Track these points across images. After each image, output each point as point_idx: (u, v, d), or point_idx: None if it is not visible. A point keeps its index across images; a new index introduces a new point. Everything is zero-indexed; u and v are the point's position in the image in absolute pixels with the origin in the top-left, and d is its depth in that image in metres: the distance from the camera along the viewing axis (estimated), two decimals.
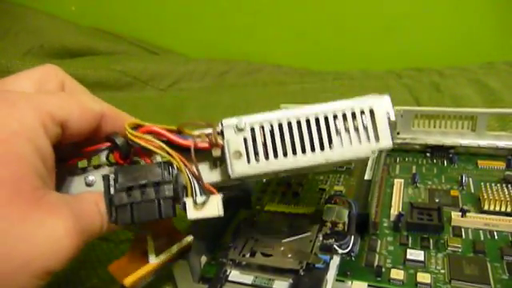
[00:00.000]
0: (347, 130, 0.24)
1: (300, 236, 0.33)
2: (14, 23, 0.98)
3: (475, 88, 0.68)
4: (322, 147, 0.23)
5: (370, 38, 0.92)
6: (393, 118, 0.24)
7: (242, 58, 0.97)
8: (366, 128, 0.24)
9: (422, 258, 0.34)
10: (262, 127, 0.23)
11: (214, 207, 0.24)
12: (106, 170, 0.26)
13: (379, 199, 0.41)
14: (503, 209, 0.38)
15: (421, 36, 0.90)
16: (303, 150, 0.23)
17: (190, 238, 0.30)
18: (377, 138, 0.24)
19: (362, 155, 0.24)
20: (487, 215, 0.38)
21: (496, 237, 0.36)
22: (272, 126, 0.23)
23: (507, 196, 0.39)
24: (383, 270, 0.33)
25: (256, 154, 0.23)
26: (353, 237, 0.32)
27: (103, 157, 0.26)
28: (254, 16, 1.00)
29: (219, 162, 0.25)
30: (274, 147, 0.23)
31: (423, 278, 0.32)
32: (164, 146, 0.24)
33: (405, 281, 0.32)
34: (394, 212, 0.39)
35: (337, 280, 0.32)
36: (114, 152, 0.25)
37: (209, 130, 0.24)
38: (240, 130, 0.23)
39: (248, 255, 0.32)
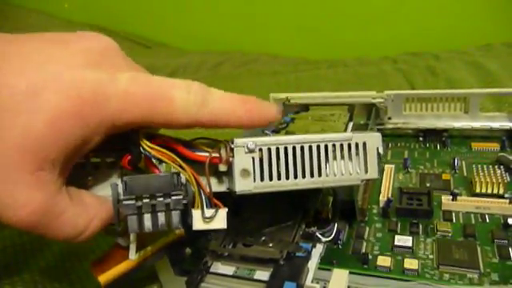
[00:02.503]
0: (343, 159, 0.26)
1: (282, 225, 0.32)
2: (7, 22, 0.97)
3: (472, 70, 0.67)
4: (319, 174, 0.26)
5: (365, 25, 0.91)
6: (382, 152, 0.27)
7: (236, 49, 0.96)
8: (358, 157, 0.27)
9: (409, 244, 0.33)
10: (269, 150, 0.25)
11: (220, 221, 0.25)
12: (110, 174, 0.26)
13: (368, 185, 0.40)
14: (495, 191, 0.37)
15: (417, 20, 0.88)
16: (303, 175, 0.25)
17: (178, 231, 0.30)
18: (366, 170, 0.27)
19: (352, 182, 0.27)
20: (479, 198, 0.37)
21: (487, 220, 0.35)
22: (279, 150, 0.25)
23: (499, 178, 0.38)
24: (370, 257, 0.33)
25: (262, 174, 0.25)
26: (336, 224, 0.31)
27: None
28: (247, 7, 0.99)
29: (223, 176, 0.26)
30: (278, 170, 0.25)
31: (410, 264, 0.31)
32: (177, 158, 0.24)
33: (392, 267, 0.31)
34: (382, 198, 0.38)
35: (323, 269, 0.31)
36: (124, 156, 0.25)
37: (220, 147, 0.26)
38: (250, 150, 0.25)
39: (229, 246, 0.31)
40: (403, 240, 0.34)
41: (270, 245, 0.30)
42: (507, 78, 0.64)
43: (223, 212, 0.25)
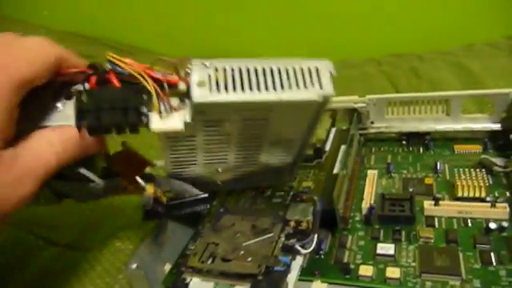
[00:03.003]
0: (297, 76, 0.27)
1: (262, 238, 0.31)
2: None
3: (454, 71, 0.67)
4: (274, 88, 0.26)
5: (349, 27, 0.90)
6: (334, 73, 0.28)
7: (219, 54, 0.95)
8: (311, 77, 0.27)
9: (392, 252, 0.33)
10: (225, 69, 0.26)
11: (176, 121, 0.26)
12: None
13: (350, 193, 0.40)
14: (477, 194, 0.37)
15: (400, 21, 0.88)
16: (259, 88, 0.26)
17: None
18: (321, 86, 0.27)
19: (309, 97, 0.27)
20: (461, 202, 0.36)
21: (470, 224, 0.35)
22: (233, 70, 0.26)
23: (481, 181, 0.37)
24: (352, 266, 0.32)
25: (218, 86, 0.26)
26: (316, 235, 0.31)
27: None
28: (231, 11, 0.98)
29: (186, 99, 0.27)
30: (234, 84, 0.26)
31: (393, 272, 0.31)
32: (141, 71, 0.26)
33: (373, 277, 0.31)
34: (365, 205, 0.38)
35: (304, 280, 0.31)
36: (91, 78, 0.26)
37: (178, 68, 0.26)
38: (206, 66, 0.26)
39: (208, 261, 0.30)
40: (385, 248, 0.33)
41: (249, 259, 0.29)
42: (489, 79, 0.64)
43: (180, 114, 0.26)
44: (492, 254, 0.31)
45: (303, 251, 0.30)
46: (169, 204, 0.31)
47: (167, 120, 0.26)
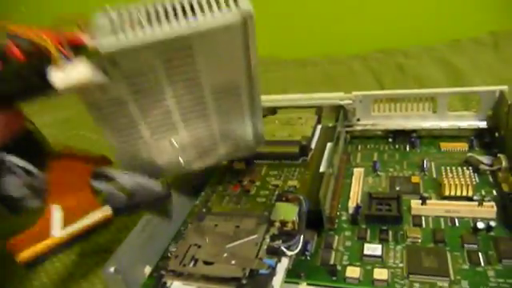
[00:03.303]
0: (210, 2, 0.26)
1: (246, 239, 0.30)
2: None
3: (440, 67, 0.67)
4: (186, 19, 0.25)
5: (334, 22, 0.90)
6: None
7: None
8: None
9: (379, 253, 0.32)
10: (129, 11, 0.25)
11: (81, 70, 0.24)
12: None
13: (336, 192, 0.39)
14: (464, 193, 0.36)
15: (386, 16, 0.88)
16: (169, 23, 0.25)
17: (108, 211, 0.28)
18: (236, 4, 0.26)
19: (230, 20, 0.26)
20: (448, 201, 0.36)
21: (457, 223, 0.34)
22: (139, 10, 0.25)
23: (468, 179, 0.37)
24: (339, 268, 0.31)
25: (123, 30, 0.24)
26: (302, 236, 0.30)
27: None
28: None
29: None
30: (141, 23, 0.25)
31: (380, 274, 0.30)
32: (39, 33, 0.24)
33: (361, 278, 0.30)
34: (352, 204, 0.37)
35: (290, 282, 0.30)
36: None
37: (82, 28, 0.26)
38: (108, 12, 0.25)
39: (190, 264, 0.29)
40: (372, 249, 0.33)
41: (233, 262, 0.28)
42: (474, 75, 0.64)
43: (85, 64, 0.24)
44: (480, 254, 0.31)
45: (289, 253, 0.29)
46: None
47: (71, 72, 0.24)
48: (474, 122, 0.45)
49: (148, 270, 0.32)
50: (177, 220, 0.37)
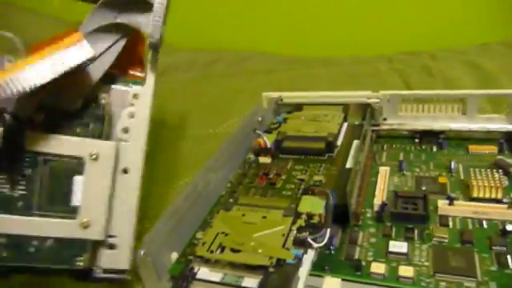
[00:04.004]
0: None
1: (273, 230, 0.30)
2: None
3: (468, 70, 0.66)
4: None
5: (360, 23, 0.89)
6: None
7: (228, 47, 0.94)
8: None
9: (405, 250, 0.32)
10: None
11: None
12: None
13: (362, 188, 0.39)
14: (493, 195, 0.36)
15: (412, 18, 0.87)
16: None
17: None
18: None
19: None
20: (476, 203, 0.36)
21: (485, 225, 0.34)
22: None
23: (497, 182, 0.36)
24: (363, 263, 0.31)
25: None
26: (329, 229, 0.30)
27: None
28: (240, 4, 0.97)
29: None
30: None
31: (406, 271, 0.30)
32: None
33: (386, 275, 0.30)
34: (377, 202, 0.37)
35: (314, 275, 0.30)
36: None
37: None
38: None
39: (217, 251, 0.29)
40: (398, 246, 0.32)
41: (260, 251, 0.28)
42: (504, 79, 0.63)
43: None
44: (509, 257, 0.30)
45: (315, 245, 0.29)
46: None
47: None
48: (504, 125, 0.45)
49: (175, 255, 0.33)
50: (203, 209, 0.37)
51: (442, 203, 0.36)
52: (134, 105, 0.25)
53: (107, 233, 0.25)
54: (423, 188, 0.39)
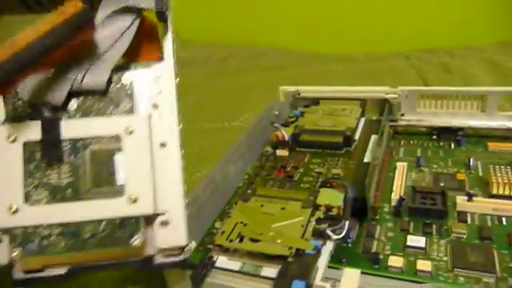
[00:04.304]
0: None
1: (291, 221, 0.30)
2: None
3: (487, 68, 0.65)
4: None
5: (376, 19, 0.89)
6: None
7: (243, 42, 0.94)
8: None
9: (423, 245, 0.32)
10: None
11: None
12: None
13: (380, 183, 0.39)
14: None
15: (429, 15, 0.86)
16: None
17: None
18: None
19: None
20: (496, 199, 0.35)
21: (504, 222, 0.34)
22: None
23: None
24: (381, 257, 0.31)
25: None
26: (347, 222, 0.30)
27: None
28: (261, 3, 0.97)
29: None
30: None
31: (424, 265, 0.30)
32: None
33: (404, 268, 0.30)
34: (395, 196, 0.37)
35: (331, 267, 0.30)
36: None
37: None
38: None
39: (236, 240, 0.30)
40: (416, 240, 0.32)
41: (278, 241, 0.29)
42: None
43: None
44: None
45: (334, 236, 0.29)
46: None
47: None
48: None
49: (193, 244, 0.33)
50: (221, 200, 0.38)
51: (461, 199, 0.35)
52: (159, 81, 0.25)
53: (157, 208, 0.24)
54: (441, 184, 0.39)
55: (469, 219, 0.34)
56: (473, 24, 0.84)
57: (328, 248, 0.29)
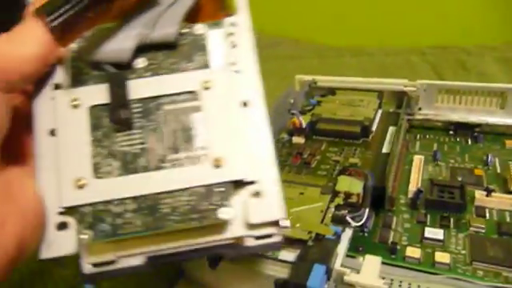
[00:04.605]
0: None
1: (311, 206, 0.30)
2: None
3: (504, 67, 0.64)
4: None
5: (392, 14, 0.88)
6: None
7: (259, 31, 0.94)
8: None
9: (441, 237, 0.32)
10: None
11: None
12: None
13: (397, 174, 0.39)
14: None
15: (445, 12, 0.85)
16: None
17: None
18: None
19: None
20: None
21: None
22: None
23: None
24: (398, 247, 0.31)
25: None
26: (367, 209, 0.30)
27: None
28: None
29: None
30: None
31: (442, 257, 0.30)
32: None
33: (421, 259, 0.30)
34: (412, 188, 0.37)
35: (348, 256, 0.30)
36: None
37: None
38: None
39: None
40: (434, 232, 0.32)
41: (297, 225, 0.28)
42: None
43: None
44: None
45: (354, 223, 0.29)
46: None
47: None
48: None
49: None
50: None
51: (480, 194, 0.35)
52: (233, 34, 0.22)
53: (246, 174, 0.20)
54: (459, 179, 0.39)
55: (487, 214, 0.34)
56: (489, 22, 0.83)
57: (347, 235, 0.29)
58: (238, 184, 0.20)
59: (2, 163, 0.19)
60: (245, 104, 0.21)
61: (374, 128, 0.43)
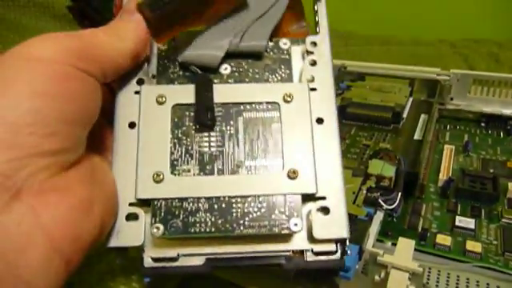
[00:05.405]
0: None
1: None
2: None
3: None
4: None
5: (423, 5, 0.86)
6: None
7: None
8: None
9: (472, 226, 0.31)
10: None
11: None
12: None
13: (428, 163, 0.38)
14: None
15: (477, 4, 0.83)
16: None
17: None
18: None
19: None
20: None
21: None
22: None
23: None
24: (428, 234, 0.31)
25: None
26: (400, 193, 0.29)
27: None
28: None
29: None
30: None
31: (473, 246, 0.29)
32: None
33: (452, 247, 0.30)
34: (442, 177, 0.36)
35: (377, 240, 0.30)
36: None
37: None
38: None
39: None
40: (465, 222, 0.32)
41: None
42: None
43: None
44: None
45: (386, 206, 0.29)
46: None
47: None
48: None
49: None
50: None
51: None
52: (313, 53, 0.23)
53: (317, 189, 0.20)
54: (491, 170, 0.38)
55: None
56: None
57: (379, 217, 0.29)
58: (305, 197, 0.20)
59: (88, 150, 0.19)
60: (319, 121, 0.22)
61: (404, 115, 0.42)
